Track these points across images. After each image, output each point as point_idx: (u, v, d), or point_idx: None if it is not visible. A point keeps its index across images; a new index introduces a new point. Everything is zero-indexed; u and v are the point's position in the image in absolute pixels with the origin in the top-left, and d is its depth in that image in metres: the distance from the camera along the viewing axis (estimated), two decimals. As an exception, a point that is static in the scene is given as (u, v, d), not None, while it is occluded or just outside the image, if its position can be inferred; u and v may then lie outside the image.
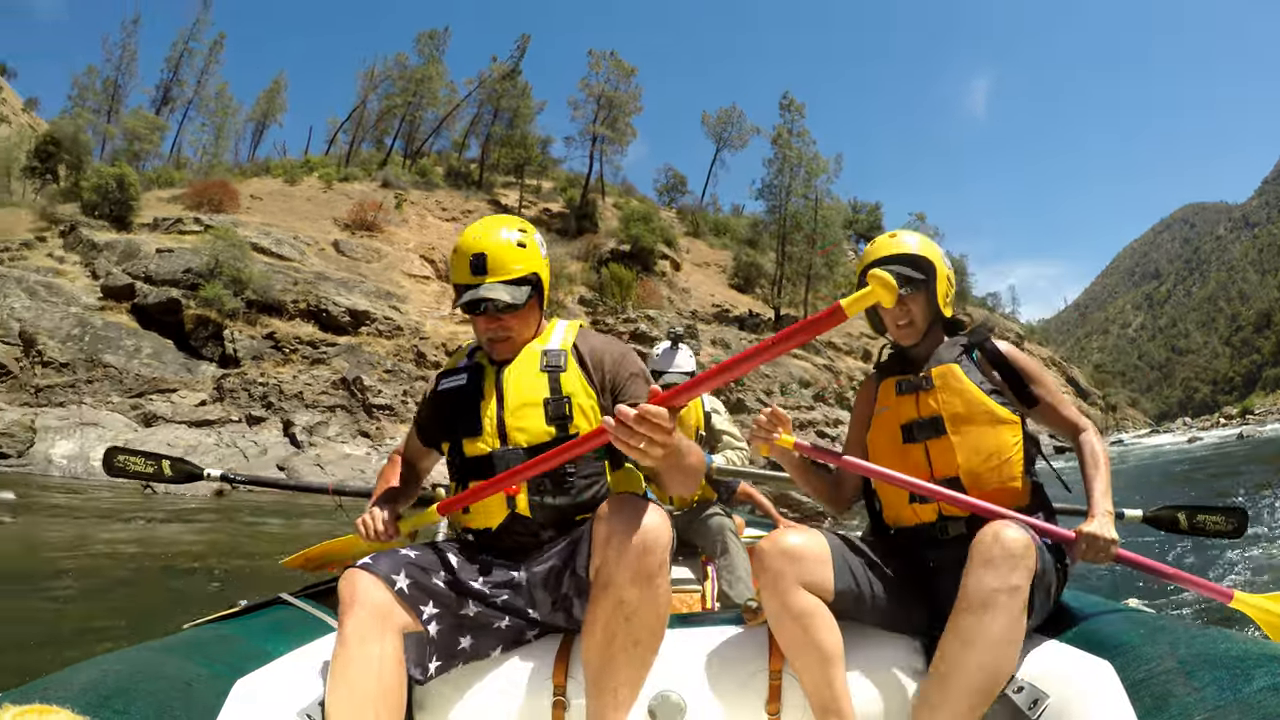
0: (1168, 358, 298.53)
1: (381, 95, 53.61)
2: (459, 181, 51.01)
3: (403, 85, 52.78)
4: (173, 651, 1.64)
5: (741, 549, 3.82)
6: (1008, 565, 1.70)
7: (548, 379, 2.06)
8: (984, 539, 1.77)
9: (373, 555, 1.87)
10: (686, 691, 1.95)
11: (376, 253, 35.05)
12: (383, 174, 45.86)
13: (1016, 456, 2.08)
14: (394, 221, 39.31)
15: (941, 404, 2.15)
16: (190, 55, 48.65)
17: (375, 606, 1.74)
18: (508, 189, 52.55)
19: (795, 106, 50.30)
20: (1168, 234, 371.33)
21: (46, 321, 24.51)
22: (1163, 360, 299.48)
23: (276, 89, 58.18)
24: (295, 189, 41.96)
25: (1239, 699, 1.24)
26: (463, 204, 46.66)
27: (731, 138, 61.12)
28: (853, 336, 44.94)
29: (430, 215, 43.71)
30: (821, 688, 1.84)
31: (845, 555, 2.01)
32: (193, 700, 1.45)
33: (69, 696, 1.28)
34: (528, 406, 2.04)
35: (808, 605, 1.88)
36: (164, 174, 41.62)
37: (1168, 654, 1.49)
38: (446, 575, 1.95)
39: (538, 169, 54.83)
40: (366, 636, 1.69)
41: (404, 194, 43.21)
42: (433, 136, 56.07)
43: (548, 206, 51.52)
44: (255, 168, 47.99)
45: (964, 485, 2.08)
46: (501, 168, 54.19)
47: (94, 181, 33.73)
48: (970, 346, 2.24)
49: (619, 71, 52.52)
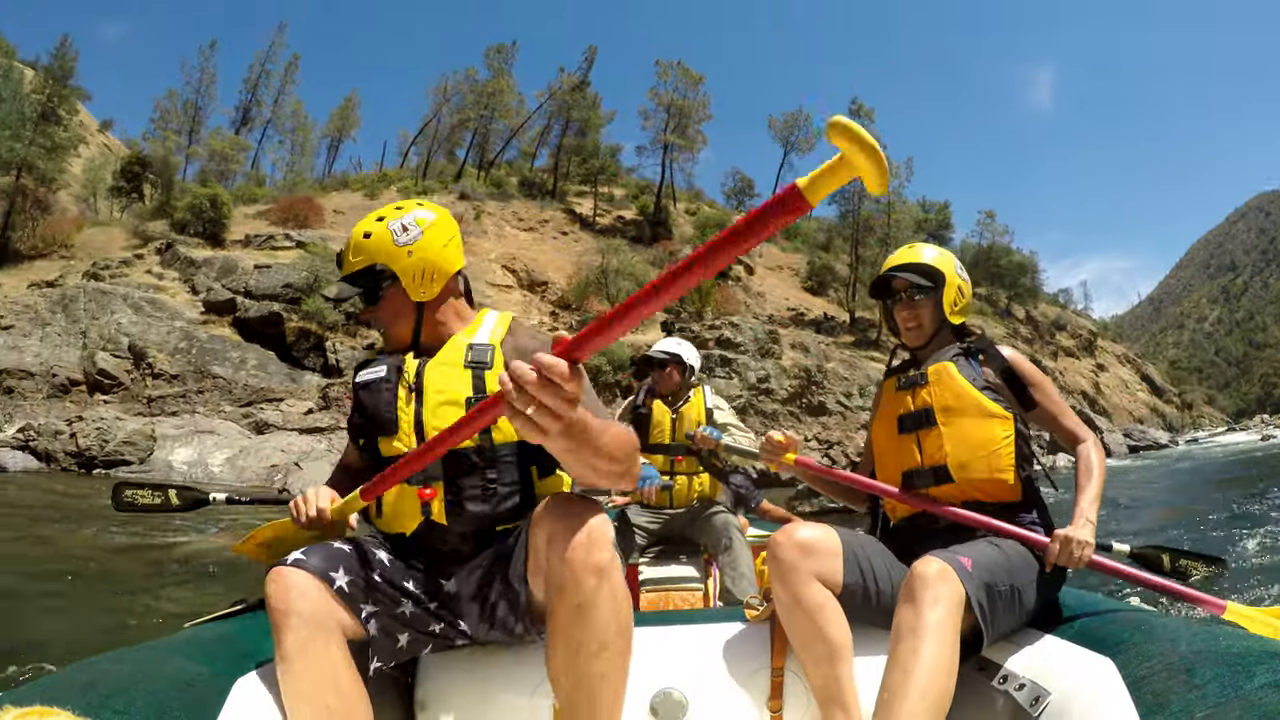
0: (1245, 352, 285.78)
1: (453, 109, 54.34)
2: (533, 191, 51.60)
3: (474, 99, 53.51)
4: (173, 651, 1.60)
5: (745, 546, 3.90)
6: (928, 595, 1.73)
7: (471, 376, 1.92)
8: (907, 574, 1.81)
9: (303, 550, 1.69)
10: (689, 688, 1.95)
11: (461, 264, 35.45)
12: (459, 186, 46.62)
13: (1006, 450, 2.15)
14: (474, 233, 39.82)
15: (933, 397, 2.27)
16: (267, 76, 49.82)
17: (312, 613, 1.57)
18: (580, 198, 52.95)
19: (865, 111, 50.13)
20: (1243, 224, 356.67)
21: (154, 335, 25.26)
22: (1240, 355, 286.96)
23: (350, 106, 59.43)
24: (376, 203, 42.64)
25: (1240, 696, 1.22)
26: (538, 214, 47.14)
27: (799, 141, 60.79)
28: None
29: (508, 226, 44.24)
30: (829, 681, 1.86)
31: (854, 549, 2.04)
32: (193, 700, 1.43)
33: (69, 697, 1.26)
34: (449, 405, 1.89)
35: (819, 598, 1.92)
36: (245, 190, 42.76)
37: (1169, 651, 1.48)
38: (382, 571, 1.80)
39: (609, 177, 55.05)
40: (308, 646, 1.54)
41: (481, 205, 43.77)
42: (505, 148, 56.82)
43: (621, 214, 51.78)
44: (334, 182, 49.17)
45: (951, 473, 2.18)
46: (573, 177, 54.59)
47: (188, 201, 34.73)
48: (973, 350, 2.33)
49: (687, 80, 52.69)
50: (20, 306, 27.12)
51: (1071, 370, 60.31)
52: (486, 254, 38.06)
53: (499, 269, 36.87)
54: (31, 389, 23.44)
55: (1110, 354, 76.49)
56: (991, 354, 2.31)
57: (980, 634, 1.83)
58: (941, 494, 2.21)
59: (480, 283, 34.59)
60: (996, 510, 2.13)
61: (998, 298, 65.18)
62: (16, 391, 23.33)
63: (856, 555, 2.03)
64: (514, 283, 36.38)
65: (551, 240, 44.37)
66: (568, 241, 44.62)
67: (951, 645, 1.70)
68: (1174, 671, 1.39)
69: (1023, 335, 59.69)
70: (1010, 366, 2.28)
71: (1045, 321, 67.42)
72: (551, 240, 44.37)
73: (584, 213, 50.03)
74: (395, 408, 1.91)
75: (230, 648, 1.71)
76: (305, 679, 1.51)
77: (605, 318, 0.99)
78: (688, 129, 52.87)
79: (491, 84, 53.28)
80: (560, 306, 35.62)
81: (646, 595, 3.84)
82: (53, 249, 35.21)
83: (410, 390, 1.92)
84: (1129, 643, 1.61)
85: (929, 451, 2.24)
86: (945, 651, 1.68)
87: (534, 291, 36.38)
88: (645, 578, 3.93)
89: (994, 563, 1.90)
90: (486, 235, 41.04)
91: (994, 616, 1.83)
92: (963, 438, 2.19)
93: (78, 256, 34.55)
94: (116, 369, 23.99)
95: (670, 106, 52.33)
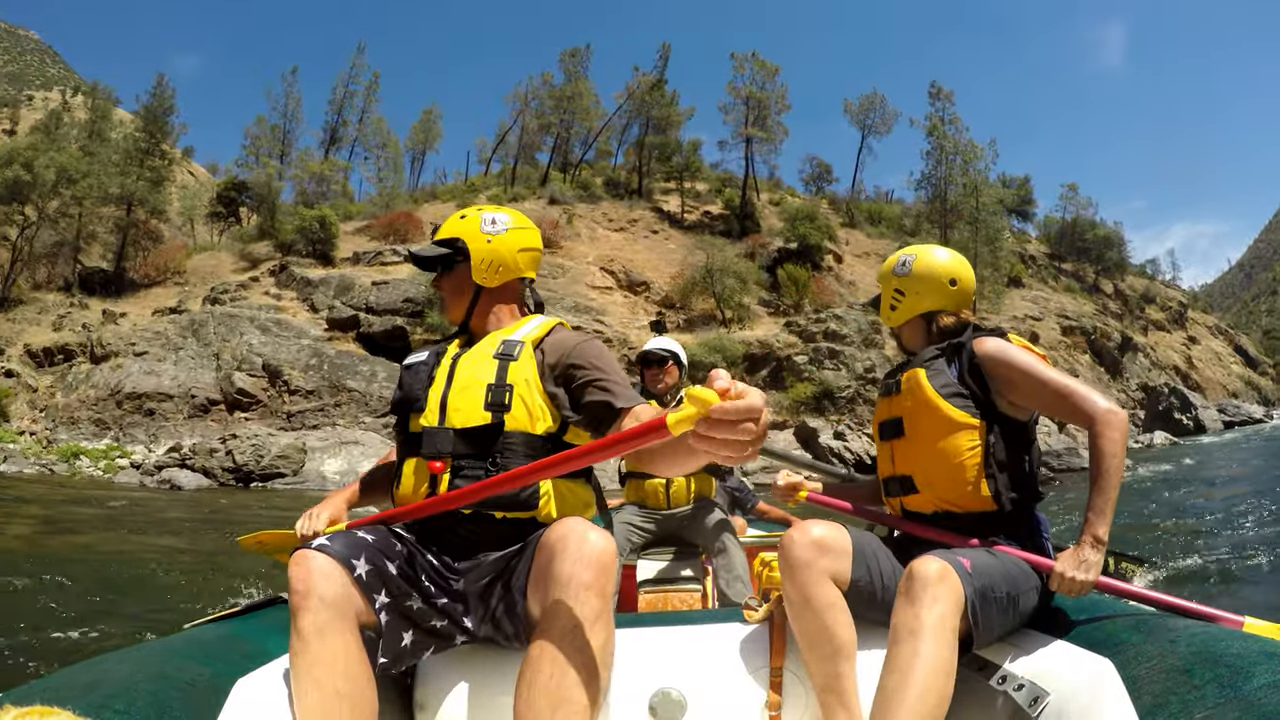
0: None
1: (531, 115, 54.96)
2: (618, 191, 51.93)
3: (553, 104, 54.04)
4: (173, 651, 1.60)
5: (740, 549, 3.86)
6: (928, 595, 1.71)
7: (497, 365, 2.02)
8: (905, 573, 1.80)
9: (328, 536, 1.73)
10: (687, 689, 1.94)
11: (560, 269, 35.88)
12: (548, 190, 47.14)
13: (971, 461, 2.09)
14: (568, 236, 40.32)
15: (903, 407, 2.26)
16: (350, 97, 51.00)
17: (333, 598, 1.58)
18: (665, 195, 53.04)
19: (944, 95, 49.38)
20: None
21: (285, 354, 26.16)
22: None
23: (431, 118, 60.44)
24: (469, 213, 43.15)
25: (1239, 696, 1.22)
26: (627, 214, 47.37)
27: (875, 124, 60.02)
28: (1024, 319, 43.52)
29: (599, 228, 44.58)
30: (831, 678, 1.85)
31: (862, 549, 2.04)
32: (193, 700, 1.42)
33: (70, 697, 1.25)
34: (470, 389, 1.99)
35: (830, 597, 1.91)
36: (340, 207, 43.74)
37: (1168, 651, 1.47)
38: (399, 563, 1.81)
39: (692, 173, 55.07)
40: (325, 630, 1.54)
41: (571, 208, 44.31)
42: (588, 150, 57.34)
43: (708, 209, 51.71)
44: (424, 195, 50.06)
45: (916, 484, 2.19)
46: (654, 174, 54.76)
47: (297, 223, 35.87)
48: (953, 350, 2.26)
49: (763, 72, 52.35)
50: (150, 333, 28.45)
51: (1163, 345, 58.43)
52: (583, 257, 38.41)
53: (597, 271, 37.15)
54: (172, 410, 24.47)
55: (1202, 325, 73.76)
56: (965, 353, 2.21)
57: (970, 635, 1.79)
58: (912, 503, 2.23)
59: (580, 285, 34.94)
60: (970, 522, 2.11)
61: (1085, 273, 63.53)
62: (158, 413, 24.38)
63: (864, 552, 2.04)
64: (613, 284, 36.59)
65: (643, 239, 44.50)
66: (658, 240, 44.72)
67: (950, 646, 1.69)
68: (1173, 672, 1.39)
69: (1112, 311, 58.00)
70: (977, 365, 2.16)
71: (1134, 295, 65.39)
72: (643, 239, 44.50)
73: (671, 210, 50.10)
74: (427, 389, 2.03)
75: (231, 648, 1.72)
76: (318, 662, 1.51)
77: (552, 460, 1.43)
78: (767, 120, 52.56)
79: (569, 87, 53.79)
80: (665, 306, 35.73)
81: (644, 596, 3.80)
82: (165, 276, 36.92)
83: (444, 375, 2.04)
84: (1128, 643, 1.61)
85: (899, 461, 2.26)
86: (944, 653, 1.67)
87: (635, 292, 36.56)
88: (643, 578, 3.92)
89: (993, 568, 1.88)
90: (580, 238, 41.43)
91: (987, 622, 1.81)
92: (927, 449, 2.17)
93: (191, 282, 35.96)
94: (254, 387, 24.96)
95: (749, 99, 52.11)
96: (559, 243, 38.47)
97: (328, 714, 1.47)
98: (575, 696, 1.49)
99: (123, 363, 26.72)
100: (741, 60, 52.46)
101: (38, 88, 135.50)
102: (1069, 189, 68.81)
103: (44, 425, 25.15)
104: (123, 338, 28.55)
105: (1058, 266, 62.73)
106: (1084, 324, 47.79)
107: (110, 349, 27.73)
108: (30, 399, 26.36)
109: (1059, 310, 48.81)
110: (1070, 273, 62.45)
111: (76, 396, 25.95)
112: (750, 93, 52.17)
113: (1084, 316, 49.44)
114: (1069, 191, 68.43)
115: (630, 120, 55.84)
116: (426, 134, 59.84)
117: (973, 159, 48.44)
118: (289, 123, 52.33)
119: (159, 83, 41.46)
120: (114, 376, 26.16)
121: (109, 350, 27.70)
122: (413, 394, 2.04)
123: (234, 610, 2.04)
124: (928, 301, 2.38)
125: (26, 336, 29.53)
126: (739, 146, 53.17)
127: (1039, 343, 41.19)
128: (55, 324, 30.58)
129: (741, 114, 52.37)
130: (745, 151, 52.73)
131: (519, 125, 55.05)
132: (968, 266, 2.42)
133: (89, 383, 26.47)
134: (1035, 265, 59.24)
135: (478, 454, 1.92)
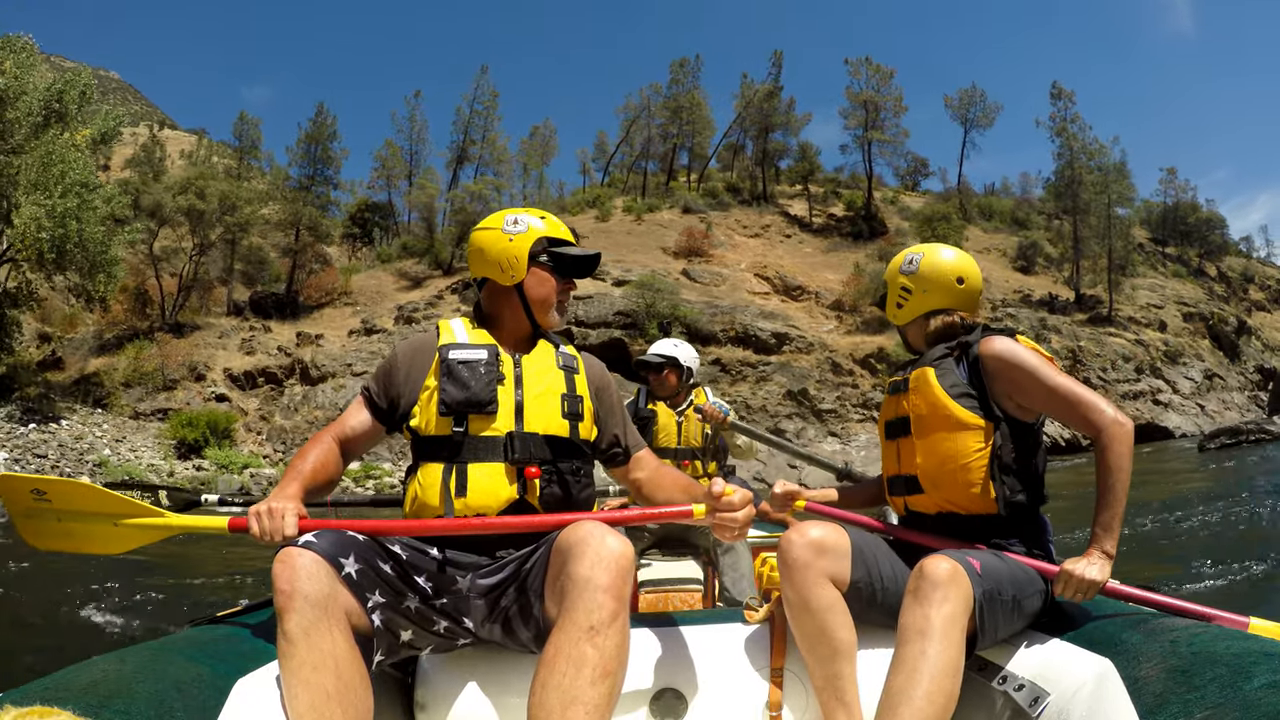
0: None
1: (645, 125, 56.02)
2: (743, 198, 52.78)
3: (668, 115, 55.19)
4: (173, 651, 1.59)
5: (746, 548, 3.80)
6: (938, 595, 1.71)
7: (565, 376, 2.08)
8: (914, 572, 1.81)
9: (315, 533, 1.67)
10: (688, 689, 1.95)
11: (719, 276, 36.66)
12: (680, 200, 48.28)
13: (977, 463, 2.07)
14: (717, 244, 41.23)
15: (910, 406, 2.23)
16: (475, 116, 52.28)
17: (319, 597, 1.54)
18: (788, 200, 53.81)
19: (1065, 94, 49.24)
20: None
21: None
22: None
23: (548, 132, 62.09)
24: (608, 225, 44.75)
25: (1239, 696, 1.23)
26: (759, 220, 48.33)
27: (977, 117, 59.84)
28: (1147, 309, 43.45)
29: (736, 234, 45.48)
30: (831, 680, 1.86)
31: (862, 550, 2.04)
32: (193, 700, 1.41)
33: (69, 697, 1.26)
34: (548, 395, 2.02)
35: (829, 599, 1.91)
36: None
37: (1168, 652, 1.48)
38: (394, 562, 1.79)
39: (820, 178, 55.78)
40: (312, 630, 1.52)
41: (706, 217, 45.26)
42: (711, 158, 58.41)
43: (832, 212, 52.40)
44: (552, 207, 51.02)
45: (921, 485, 2.17)
46: (778, 179, 55.58)
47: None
48: (962, 349, 2.22)
49: (878, 75, 52.78)
50: (366, 353, 29.77)
51: (1267, 326, 56.10)
52: (736, 265, 39.24)
53: (753, 278, 37.86)
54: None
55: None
56: (972, 353, 2.17)
57: (974, 635, 1.80)
58: (916, 504, 2.22)
59: (741, 293, 35.65)
60: (974, 524, 2.10)
61: (1189, 257, 62.30)
62: (386, 430, 25.39)
63: (863, 553, 2.03)
64: (769, 289, 37.29)
65: (780, 244, 45.29)
66: (794, 244, 45.46)
67: (958, 646, 1.69)
68: (1173, 672, 1.40)
69: (1218, 294, 56.26)
70: (980, 365, 2.14)
71: (1235, 276, 63.73)
72: (780, 244, 45.29)
73: (799, 214, 50.86)
74: (495, 389, 1.96)
75: (231, 648, 1.70)
76: (306, 663, 1.49)
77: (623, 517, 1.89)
78: (886, 123, 53.13)
79: (686, 97, 54.81)
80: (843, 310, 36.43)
81: (646, 596, 3.75)
82: (332, 297, 38.10)
83: (510, 377, 2.01)
84: (1128, 643, 1.62)
85: (905, 460, 2.23)
86: (952, 653, 1.67)
87: (793, 297, 37.36)
88: (645, 578, 3.85)
89: (1000, 571, 1.88)
90: (724, 246, 42.29)
91: (993, 624, 1.82)
92: (932, 450, 2.15)
93: (360, 302, 37.15)
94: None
95: (866, 103, 52.59)
96: (709, 251, 39.43)
97: (318, 715, 1.46)
98: (587, 697, 1.49)
99: (344, 383, 28.02)
100: (856, 65, 52.86)
101: (126, 124, 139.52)
102: (1167, 173, 68.10)
103: (273, 448, 26.16)
104: (334, 358, 29.83)
105: (1162, 251, 61.81)
106: (1200, 309, 47.26)
107: (325, 370, 29.00)
108: (244, 422, 27.30)
109: (1176, 297, 48.19)
110: (1175, 257, 61.32)
111: (302, 417, 27.03)
112: (869, 97, 52.58)
113: (1200, 302, 48.83)
114: (1167, 175, 67.72)
115: (747, 128, 56.80)
116: (544, 148, 61.30)
117: (1097, 155, 48.32)
118: (415, 144, 53.94)
119: (319, 111, 43.11)
120: (337, 397, 27.35)
121: (324, 371, 28.95)
122: (481, 395, 1.96)
123: (233, 610, 2.05)
124: (934, 300, 2.35)
125: (220, 361, 30.37)
126: (859, 150, 53.82)
127: (1166, 331, 41.01)
128: (245, 347, 31.42)
129: (860, 118, 52.89)
130: (865, 155, 53.27)
131: (645, 134, 56.18)
132: (974, 266, 2.39)
133: (311, 404, 27.59)
134: (1143, 252, 58.37)
135: (560, 461, 1.99)
